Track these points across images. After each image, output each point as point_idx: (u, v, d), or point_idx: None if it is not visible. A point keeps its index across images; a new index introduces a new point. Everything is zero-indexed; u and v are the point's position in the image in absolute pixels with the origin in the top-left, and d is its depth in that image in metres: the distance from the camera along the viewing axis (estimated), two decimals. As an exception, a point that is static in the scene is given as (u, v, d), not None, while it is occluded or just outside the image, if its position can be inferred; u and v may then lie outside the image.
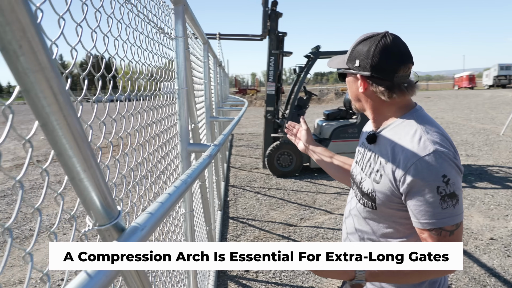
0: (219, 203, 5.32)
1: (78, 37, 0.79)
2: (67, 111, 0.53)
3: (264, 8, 7.38)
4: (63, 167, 0.59)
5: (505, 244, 4.02)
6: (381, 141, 1.26)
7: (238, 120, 3.34)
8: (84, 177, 0.61)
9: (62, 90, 0.51)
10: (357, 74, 1.24)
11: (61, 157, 0.57)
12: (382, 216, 1.24)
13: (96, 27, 0.92)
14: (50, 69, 0.48)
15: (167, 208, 0.89)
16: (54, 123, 0.52)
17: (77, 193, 0.64)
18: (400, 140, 1.18)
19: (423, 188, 1.09)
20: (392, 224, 1.24)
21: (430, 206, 1.09)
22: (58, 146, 0.55)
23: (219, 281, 3.53)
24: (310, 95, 7.83)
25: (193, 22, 2.34)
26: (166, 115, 1.80)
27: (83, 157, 0.58)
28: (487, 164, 7.57)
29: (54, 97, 0.50)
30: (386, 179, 1.18)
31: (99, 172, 0.64)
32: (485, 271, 3.50)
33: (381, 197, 1.20)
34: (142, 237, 0.72)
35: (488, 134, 11.28)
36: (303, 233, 4.58)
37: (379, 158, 1.23)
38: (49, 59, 0.47)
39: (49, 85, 0.49)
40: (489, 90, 44.90)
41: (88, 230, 0.70)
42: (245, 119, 20.23)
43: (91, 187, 0.63)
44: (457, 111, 19.32)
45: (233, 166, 8.59)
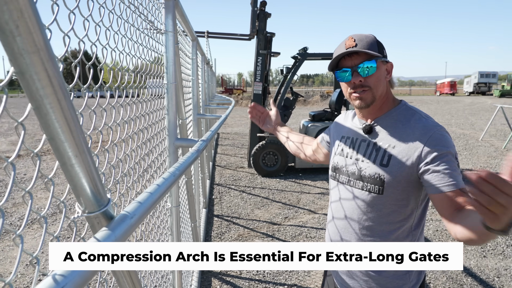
0: (204, 201, 5.30)
1: (71, 24, 0.78)
2: (61, 94, 0.53)
3: (253, 8, 7.38)
4: (54, 152, 0.59)
5: (482, 246, 4.13)
6: (381, 128, 1.35)
7: (225, 117, 3.35)
8: (76, 163, 0.61)
9: (57, 73, 0.51)
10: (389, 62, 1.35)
11: (53, 141, 0.57)
12: (386, 199, 1.30)
13: (88, 16, 0.92)
14: (45, 51, 0.48)
15: (155, 199, 0.89)
16: (48, 106, 0.52)
17: (68, 179, 0.64)
18: (406, 123, 1.31)
19: (446, 153, 1.20)
20: (394, 206, 1.30)
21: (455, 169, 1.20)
22: (50, 130, 0.55)
23: (203, 277, 3.53)
24: (296, 96, 7.87)
25: (183, 18, 2.34)
26: (154, 109, 1.79)
27: (75, 142, 0.59)
28: (466, 168, 7.75)
29: (49, 80, 0.50)
30: (397, 159, 1.27)
31: (90, 159, 0.64)
32: (462, 271, 3.59)
33: (390, 178, 1.27)
34: (131, 226, 0.72)
35: (467, 139, 11.54)
36: (287, 232, 4.61)
37: (384, 143, 1.32)
38: (45, 40, 0.48)
39: (44, 67, 0.49)
40: (469, 96, 45.94)
41: (78, 217, 0.69)
42: (231, 118, 20.21)
43: (82, 173, 0.63)
44: (439, 116, 19.70)
45: (218, 164, 8.57)
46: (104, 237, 0.62)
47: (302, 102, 32.25)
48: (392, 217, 1.32)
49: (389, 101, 1.38)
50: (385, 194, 1.29)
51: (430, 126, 1.27)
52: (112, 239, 0.63)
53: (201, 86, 5.04)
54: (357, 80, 1.28)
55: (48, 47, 0.49)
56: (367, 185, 1.32)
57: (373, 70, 1.27)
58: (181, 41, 3.06)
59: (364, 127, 1.39)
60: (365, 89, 1.29)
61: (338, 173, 1.45)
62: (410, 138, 1.27)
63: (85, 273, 0.52)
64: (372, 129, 1.37)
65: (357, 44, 1.27)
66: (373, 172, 1.30)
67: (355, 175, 1.37)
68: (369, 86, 1.29)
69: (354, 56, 1.28)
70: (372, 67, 1.27)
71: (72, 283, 0.49)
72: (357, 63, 1.27)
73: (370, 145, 1.36)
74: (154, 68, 1.80)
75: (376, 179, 1.29)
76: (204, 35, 7.86)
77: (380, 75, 1.30)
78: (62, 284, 0.48)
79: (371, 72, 1.27)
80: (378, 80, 1.30)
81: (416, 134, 1.26)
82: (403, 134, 1.29)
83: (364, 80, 1.28)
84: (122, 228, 0.68)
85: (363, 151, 1.37)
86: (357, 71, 1.28)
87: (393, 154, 1.28)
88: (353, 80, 1.29)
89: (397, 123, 1.33)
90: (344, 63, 1.31)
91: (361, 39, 1.28)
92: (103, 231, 0.64)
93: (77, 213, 0.70)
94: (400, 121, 1.33)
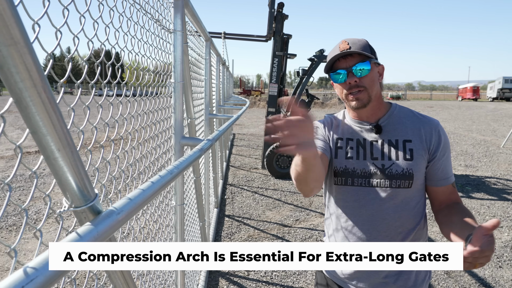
0: (216, 201, 5.32)
1: (81, 25, 0.79)
2: (41, 88, 0.53)
3: (270, 9, 7.39)
4: (37, 146, 0.59)
5: (498, 256, 4.01)
6: (390, 126, 1.42)
7: (236, 118, 3.35)
8: (59, 156, 0.61)
9: (36, 65, 0.51)
10: (380, 64, 1.40)
11: (35, 135, 0.58)
12: (413, 191, 1.38)
13: (98, 18, 0.94)
14: (23, 43, 0.48)
15: (147, 196, 0.89)
16: (28, 99, 0.52)
17: (53, 172, 0.64)
18: (413, 119, 1.42)
19: (447, 148, 1.38)
20: (418, 197, 1.41)
21: (450, 163, 1.40)
22: (31, 124, 0.56)
23: (210, 277, 3.53)
24: (312, 98, 7.82)
25: (194, 18, 2.35)
26: (161, 107, 1.80)
27: (58, 136, 0.59)
28: (485, 175, 7.55)
29: (28, 73, 0.50)
30: (418, 152, 1.36)
31: (75, 153, 0.64)
32: (476, 281, 3.49)
33: (417, 170, 1.35)
34: (117, 222, 0.72)
35: (488, 145, 11.25)
36: (297, 234, 4.58)
37: (400, 140, 1.39)
38: (22, 33, 0.48)
39: (22, 60, 0.49)
40: (492, 102, 44.80)
41: (64, 211, 0.70)
42: (248, 119, 20.24)
43: (66, 167, 0.63)
44: (459, 121, 19.28)
45: (232, 165, 8.59)
46: (86, 232, 0.63)
47: (319, 105, 32.06)
48: (417, 208, 1.40)
49: (383, 102, 1.45)
50: (413, 187, 1.36)
51: (434, 121, 1.41)
52: (93, 234, 0.63)
53: (215, 86, 5.06)
54: (352, 80, 1.32)
55: (26, 40, 0.49)
56: (396, 181, 1.35)
57: (367, 71, 1.32)
58: (194, 41, 3.08)
59: (374, 127, 1.41)
60: (361, 89, 1.33)
61: (348, 176, 1.41)
62: (421, 131, 1.38)
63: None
64: (381, 128, 1.41)
65: (351, 46, 1.33)
66: (401, 168, 1.35)
67: (378, 175, 1.37)
68: (364, 86, 1.33)
69: (348, 58, 1.33)
70: (366, 68, 1.32)
71: (44, 276, 0.49)
72: (351, 64, 1.32)
73: (385, 143, 1.40)
74: (164, 68, 1.81)
75: (406, 174, 1.35)
76: (221, 36, 7.90)
77: (374, 76, 1.35)
78: (32, 277, 0.48)
79: (365, 73, 1.32)
80: (372, 80, 1.34)
81: (426, 127, 1.38)
82: (414, 128, 1.39)
83: (359, 81, 1.32)
84: (106, 223, 0.68)
85: (380, 150, 1.40)
86: (352, 72, 1.32)
87: (413, 147, 1.36)
88: (348, 80, 1.33)
89: (403, 120, 1.42)
90: (339, 65, 1.35)
91: (354, 42, 1.34)
92: (86, 226, 0.64)
93: (64, 207, 0.70)
94: (403, 118, 1.43)
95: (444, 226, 1.30)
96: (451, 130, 15.40)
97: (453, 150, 10.38)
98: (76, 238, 0.61)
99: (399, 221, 1.38)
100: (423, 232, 1.45)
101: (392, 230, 1.38)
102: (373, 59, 1.34)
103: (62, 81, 0.78)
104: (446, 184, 1.38)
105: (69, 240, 0.60)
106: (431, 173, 1.38)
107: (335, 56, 1.33)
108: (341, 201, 1.45)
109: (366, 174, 1.39)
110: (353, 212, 1.43)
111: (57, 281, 0.52)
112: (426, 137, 1.37)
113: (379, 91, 1.41)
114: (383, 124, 1.42)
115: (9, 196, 0.62)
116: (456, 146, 11.17)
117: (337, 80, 1.36)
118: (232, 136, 13.21)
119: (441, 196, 1.40)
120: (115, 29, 1.07)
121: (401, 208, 1.37)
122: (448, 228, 1.26)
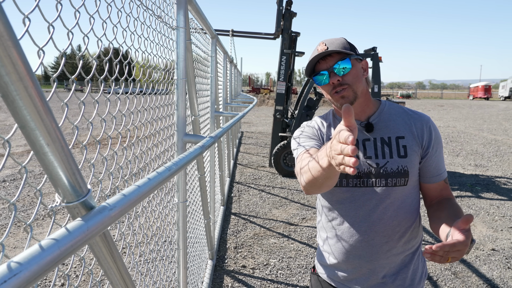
0: (222, 198, 5.32)
1: (103, 30, 0.79)
2: (28, 81, 0.53)
3: (279, 7, 7.36)
4: (26, 140, 0.59)
5: (507, 256, 3.95)
6: (382, 124, 1.39)
7: (241, 116, 3.34)
8: (48, 151, 0.61)
9: (22, 59, 0.51)
10: (364, 59, 1.38)
11: (23, 129, 0.57)
12: (409, 189, 1.37)
13: (107, 18, 0.94)
14: (7, 37, 0.48)
15: (143, 192, 0.88)
16: (14, 93, 0.52)
17: (43, 167, 0.64)
18: (403, 115, 1.41)
19: (439, 144, 1.38)
20: (414, 194, 1.40)
21: (442, 159, 1.40)
22: (19, 118, 0.55)
23: (215, 274, 3.54)
24: (320, 96, 7.78)
25: (198, 14, 2.34)
26: (163, 104, 1.80)
27: (47, 130, 0.58)
28: (495, 175, 7.44)
29: (13, 66, 0.50)
30: (412, 148, 1.35)
31: (66, 147, 0.64)
32: (484, 282, 3.44)
33: (412, 167, 1.34)
34: (110, 218, 0.71)
35: (499, 145, 11.09)
36: (303, 233, 4.56)
37: (392, 137, 1.37)
38: (6, 27, 0.47)
39: (6, 53, 0.48)
40: (504, 101, 44.16)
41: (55, 206, 0.70)
42: (256, 117, 20.24)
43: (56, 162, 0.63)
44: (470, 120, 19.04)
45: (240, 163, 8.60)
46: (75, 227, 0.62)
47: (328, 103, 31.90)
48: (413, 206, 1.39)
49: (371, 99, 1.43)
50: (409, 184, 1.35)
51: (425, 117, 1.41)
52: (84, 230, 0.63)
53: (222, 84, 5.06)
54: (335, 79, 1.30)
55: (10, 33, 0.48)
56: (392, 180, 1.33)
57: (348, 68, 1.30)
58: (199, 39, 3.08)
59: (365, 125, 1.39)
60: (344, 87, 1.31)
61: (343, 177, 1.37)
62: (413, 128, 1.37)
63: (44, 261, 0.52)
64: (372, 126, 1.38)
65: (328, 47, 1.32)
66: (396, 166, 1.33)
67: (373, 174, 1.34)
68: (348, 84, 1.31)
69: (328, 58, 1.32)
70: (347, 66, 1.30)
71: (28, 271, 0.49)
72: (332, 64, 1.31)
73: (377, 141, 1.37)
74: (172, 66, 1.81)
75: (401, 171, 1.33)
76: (228, 34, 7.90)
77: (357, 72, 1.33)
78: (15, 272, 0.47)
79: (347, 70, 1.30)
80: (356, 77, 1.32)
81: (418, 124, 1.38)
82: (406, 125, 1.38)
83: (342, 79, 1.31)
84: (98, 219, 0.67)
85: (372, 149, 1.36)
86: (334, 72, 1.31)
87: (406, 144, 1.35)
88: (331, 80, 1.31)
89: (394, 117, 1.40)
90: (320, 67, 1.34)
91: (332, 42, 1.34)
92: (76, 221, 0.64)
93: (56, 203, 0.70)
94: (395, 115, 1.41)
95: (432, 221, 1.34)
96: (462, 129, 15.22)
97: (463, 150, 10.25)
98: (65, 233, 0.60)
99: (396, 220, 1.36)
100: (419, 229, 1.45)
101: (390, 229, 1.36)
102: (353, 56, 1.32)
103: (73, 77, 0.78)
104: (438, 181, 1.38)
105: (58, 236, 0.60)
106: (424, 169, 1.38)
107: (314, 58, 1.32)
108: (336, 203, 1.41)
109: (360, 174, 1.35)
110: (349, 214, 1.39)
111: (41, 276, 0.52)
112: (417, 133, 1.36)
113: (366, 88, 1.38)
114: (374, 122, 1.40)
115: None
116: (466, 145, 11.03)
117: (320, 82, 1.35)
118: (240, 134, 13.22)
119: (433, 192, 1.40)
120: (113, 24, 1.06)
121: (398, 206, 1.36)
122: (435, 223, 1.29)
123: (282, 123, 7.65)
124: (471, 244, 1.08)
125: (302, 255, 3.98)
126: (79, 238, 0.61)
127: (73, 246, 0.59)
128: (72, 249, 0.59)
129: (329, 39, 1.36)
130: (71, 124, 0.84)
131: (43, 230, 4.49)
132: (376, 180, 1.34)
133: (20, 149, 9.29)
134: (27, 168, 0.69)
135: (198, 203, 3.14)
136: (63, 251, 0.56)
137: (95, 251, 0.88)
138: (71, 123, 0.82)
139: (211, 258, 3.69)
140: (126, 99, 1.27)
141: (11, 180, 6.52)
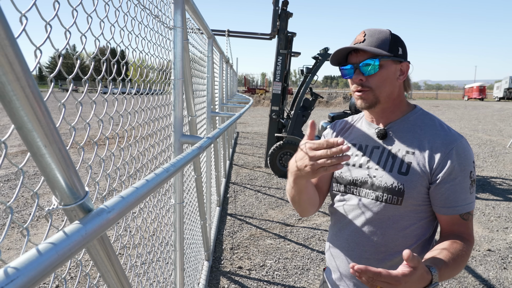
0: (218, 199, 5.31)
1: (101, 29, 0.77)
2: (25, 82, 0.51)
3: (275, 7, 7.36)
4: (23, 142, 0.58)
5: (503, 257, 3.96)
6: (398, 133, 1.25)
7: (238, 116, 3.33)
8: (46, 153, 0.59)
9: (19, 58, 0.50)
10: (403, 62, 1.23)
11: (20, 130, 0.56)
12: (405, 211, 1.21)
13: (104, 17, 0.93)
14: (4, 36, 0.46)
15: (141, 194, 0.87)
16: (11, 93, 0.51)
17: (40, 169, 0.62)
18: (425, 130, 1.22)
19: (460, 172, 1.15)
20: (413, 219, 1.23)
21: (463, 191, 1.16)
22: (16, 119, 0.54)
23: (211, 276, 3.52)
24: (316, 96, 7.79)
25: (195, 14, 2.33)
26: (160, 104, 1.78)
27: (44, 132, 0.57)
28: (490, 175, 7.48)
29: (10, 66, 0.48)
30: (417, 167, 1.18)
31: (63, 149, 0.62)
32: (480, 282, 3.45)
33: (410, 188, 1.18)
34: (108, 221, 0.70)
35: (494, 146, 11.16)
36: (300, 234, 4.56)
37: (402, 150, 1.22)
38: (3, 25, 0.46)
39: (3, 52, 0.47)
40: (499, 102, 44.51)
41: (52, 209, 0.68)
42: (252, 118, 20.23)
43: (54, 164, 0.61)
44: (465, 121, 19.15)
45: (235, 163, 8.58)
46: (73, 231, 0.61)
47: (324, 104, 31.97)
48: (409, 231, 1.22)
49: (403, 104, 1.28)
50: (404, 205, 1.19)
51: (453, 136, 1.19)
52: (82, 233, 0.62)
53: (218, 84, 5.04)
54: (357, 78, 1.19)
55: (7, 32, 0.47)
56: (383, 195, 1.21)
57: (375, 69, 1.17)
58: (196, 39, 3.06)
59: (378, 132, 1.27)
60: (365, 90, 1.20)
61: (342, 183, 1.33)
62: (431, 145, 1.19)
63: (41, 266, 0.50)
64: (387, 134, 1.27)
65: (366, 39, 1.19)
66: (391, 181, 1.20)
67: (367, 185, 1.25)
68: (370, 87, 1.20)
69: (360, 52, 1.19)
70: (374, 66, 1.17)
71: (25, 276, 0.48)
72: (360, 60, 1.19)
73: (385, 151, 1.25)
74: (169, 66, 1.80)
75: (394, 188, 1.19)
76: (224, 34, 7.88)
77: (386, 75, 1.19)
78: (12, 278, 0.46)
79: (373, 72, 1.17)
80: (382, 80, 1.19)
81: (438, 142, 1.18)
82: (423, 140, 1.20)
83: (365, 80, 1.19)
84: (96, 222, 0.66)
85: (377, 158, 1.26)
86: (359, 69, 1.19)
87: (413, 161, 1.19)
88: (354, 78, 1.21)
89: (415, 128, 1.24)
90: (350, 59, 1.23)
91: (372, 34, 1.20)
92: (74, 225, 0.63)
93: (53, 205, 0.68)
94: (418, 126, 1.24)
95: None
96: (457, 130, 15.24)
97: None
98: (63, 237, 0.59)
99: (382, 240, 1.24)
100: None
101: (372, 246, 1.25)
102: (386, 57, 1.17)
103: (70, 77, 0.77)
104: (450, 214, 1.18)
105: (56, 240, 0.58)
106: (433, 196, 1.19)
107: (343, 50, 1.21)
108: (335, 209, 1.38)
109: (357, 182, 1.28)
110: (339, 219, 1.34)
111: (39, 282, 0.50)
112: (431, 153, 1.18)
113: (395, 92, 1.24)
114: (390, 130, 1.27)
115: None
116: (461, 146, 11.08)
117: (344, 75, 1.25)
118: (236, 134, 13.20)
119: (444, 224, 1.22)
120: (111, 23, 1.05)
121: (387, 225, 1.23)
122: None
123: (278, 124, 7.65)
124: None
125: (298, 256, 3.97)
126: (77, 242, 0.60)
127: (71, 250, 0.58)
128: (70, 253, 0.58)
129: (372, 29, 1.22)
130: (68, 125, 0.82)
131: (37, 231, 4.45)
132: (368, 192, 1.25)
133: (15, 150, 9.21)
134: (22, 169, 0.68)
135: (194, 204, 3.12)
136: (61, 255, 0.55)
137: (92, 253, 0.87)
138: (68, 124, 0.81)
139: (207, 259, 3.67)
140: (124, 100, 1.26)
141: (5, 181, 6.46)
